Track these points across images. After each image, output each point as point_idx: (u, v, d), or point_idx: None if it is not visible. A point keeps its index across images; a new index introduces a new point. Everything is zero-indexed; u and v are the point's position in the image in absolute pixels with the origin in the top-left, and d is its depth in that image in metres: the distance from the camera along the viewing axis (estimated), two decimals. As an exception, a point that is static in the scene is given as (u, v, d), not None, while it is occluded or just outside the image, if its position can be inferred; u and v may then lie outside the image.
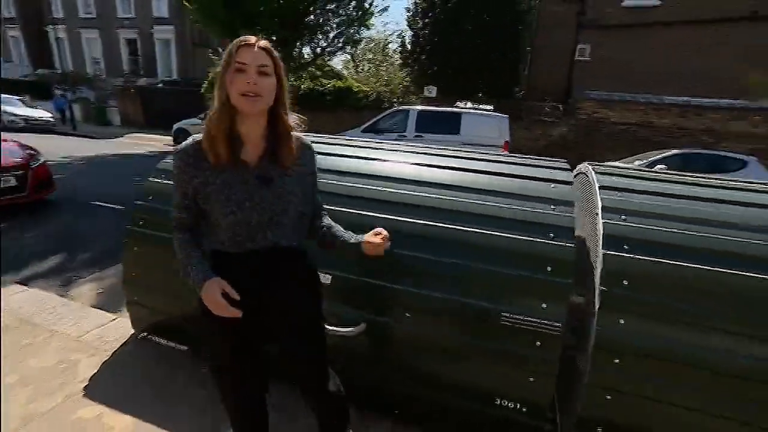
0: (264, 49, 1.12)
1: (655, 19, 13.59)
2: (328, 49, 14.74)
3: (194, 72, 22.98)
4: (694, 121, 11.80)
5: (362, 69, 24.66)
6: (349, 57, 24.65)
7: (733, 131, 11.47)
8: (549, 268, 1.63)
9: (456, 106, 9.59)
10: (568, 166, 2.12)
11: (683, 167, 7.30)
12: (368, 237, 1.34)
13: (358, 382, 1.78)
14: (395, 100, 15.79)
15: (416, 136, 8.98)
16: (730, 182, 2.04)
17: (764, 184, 2.00)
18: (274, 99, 1.16)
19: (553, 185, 1.92)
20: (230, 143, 1.13)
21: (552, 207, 1.79)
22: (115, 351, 2.33)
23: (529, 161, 2.20)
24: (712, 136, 11.59)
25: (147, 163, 10.03)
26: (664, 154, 7.99)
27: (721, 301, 1.48)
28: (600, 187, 1.85)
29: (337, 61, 22.13)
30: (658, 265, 1.56)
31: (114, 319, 2.66)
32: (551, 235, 1.70)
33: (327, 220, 1.42)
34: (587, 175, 2.08)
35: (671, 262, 1.55)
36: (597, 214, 1.75)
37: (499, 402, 1.67)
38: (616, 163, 7.58)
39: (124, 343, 2.40)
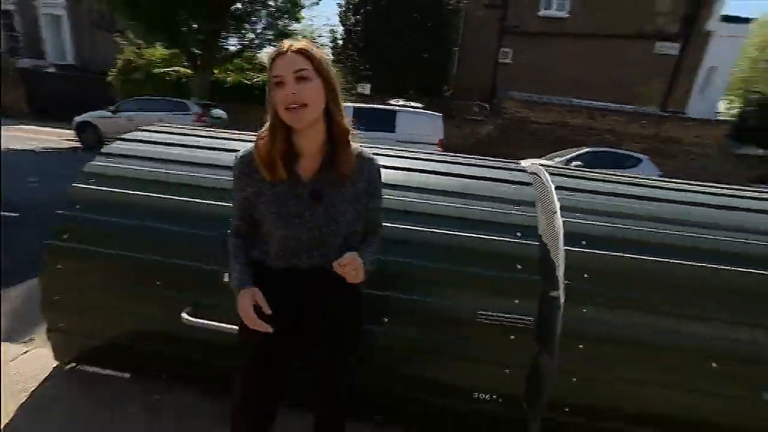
0: (299, 51, 1.01)
1: (566, 31, 15.03)
2: (257, 41, 14.03)
3: (94, 56, 20.38)
4: (600, 122, 13.30)
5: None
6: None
7: (629, 132, 13.15)
8: (518, 266, 1.71)
9: (388, 104, 9.72)
10: (523, 167, 2.24)
11: (593, 163, 8.19)
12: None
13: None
14: (327, 96, 15.55)
15: (354, 133, 8.96)
16: (663, 182, 2.32)
17: (690, 183, 2.29)
18: (324, 102, 1.06)
19: (514, 186, 2.02)
20: (285, 162, 1.08)
21: (516, 207, 1.88)
22: (33, 390, 1.97)
23: (487, 163, 2.29)
24: (614, 136, 13.18)
25: (42, 162, 8.69)
26: (578, 152, 8.89)
27: (666, 288, 1.67)
28: (556, 188, 1.99)
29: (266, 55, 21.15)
30: (613, 258, 1.71)
31: (26, 351, 2.26)
32: (518, 234, 1.78)
33: (369, 244, 1.24)
34: (539, 176, 2.22)
35: (623, 255, 1.71)
36: (555, 212, 1.87)
37: (477, 396, 1.72)
38: (539, 161, 8.29)
39: (46, 378, 2.05)
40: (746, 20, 14.42)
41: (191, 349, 1.84)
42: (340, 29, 15.49)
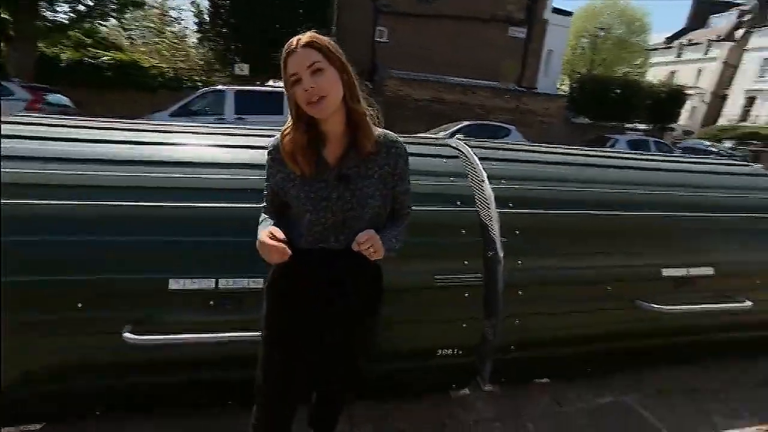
0: (307, 45, 1.02)
1: (432, 12, 16.02)
2: (97, 10, 11.76)
3: None
4: (471, 98, 14.74)
5: (146, 40, 20.68)
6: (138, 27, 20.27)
7: (496, 106, 14.89)
8: (463, 231, 1.92)
9: (268, 86, 9.30)
10: (448, 142, 2.45)
11: (472, 135, 9.16)
12: None
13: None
14: (198, 79, 14.00)
15: (237, 118, 8.37)
16: (552, 149, 2.76)
17: (568, 148, 2.79)
18: (341, 88, 1.06)
19: (445, 160, 2.20)
20: (310, 155, 1.10)
21: (451, 179, 2.08)
22: None
23: (415, 140, 2.43)
24: (484, 110, 14.76)
25: None
26: (458, 126, 9.79)
27: (571, 234, 2.07)
28: (479, 159, 2.24)
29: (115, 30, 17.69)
30: (534, 215, 2.03)
31: None
32: (458, 203, 1.98)
33: (394, 225, 1.25)
34: (461, 149, 2.45)
35: (541, 212, 2.05)
36: (483, 181, 2.12)
37: (440, 353, 1.90)
38: (426, 135, 8.91)
39: None
40: (569, 13, 17.34)
41: (134, 375, 1.63)
42: (205, 2, 13.88)
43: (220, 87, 9.10)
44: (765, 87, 30.48)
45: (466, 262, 1.88)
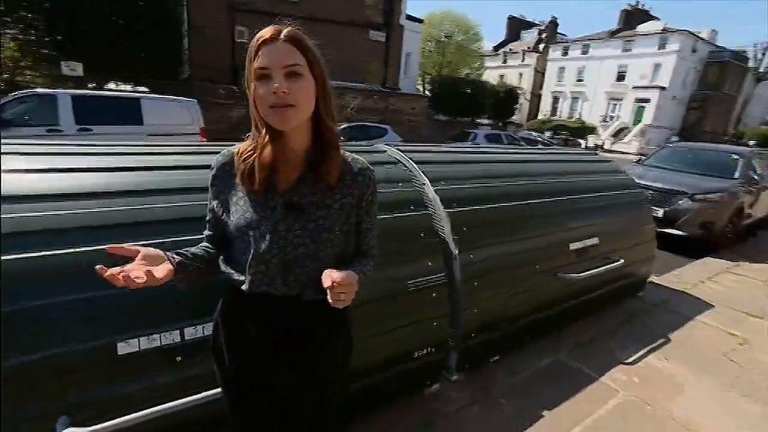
0: (291, 40, 0.83)
1: (292, 13, 15.72)
2: None
3: None
4: (340, 99, 15.00)
5: None
6: None
7: (367, 107, 15.47)
8: (422, 234, 2.00)
9: (107, 89, 7.93)
10: (383, 149, 2.48)
11: (353, 137, 9.40)
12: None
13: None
14: (-1, 80, 11.00)
15: (81, 129, 6.89)
16: (461, 147, 3.04)
17: (476, 146, 3.10)
18: (314, 104, 0.89)
19: (387, 167, 2.24)
20: (267, 170, 0.91)
21: (400, 185, 2.13)
22: None
23: (350, 147, 2.40)
24: (354, 111, 15.20)
25: None
26: (339, 128, 9.88)
27: (505, 224, 2.33)
28: (416, 163, 2.34)
29: None
30: (475, 211, 2.23)
31: None
32: (412, 207, 2.04)
33: (361, 264, 1.01)
34: (395, 156, 2.52)
35: (478, 207, 2.26)
36: (425, 184, 2.23)
37: (416, 354, 1.95)
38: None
39: None
40: (420, 20, 19.07)
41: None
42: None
43: (47, 90, 7.34)
44: (562, 89, 38.69)
45: (429, 264, 1.96)
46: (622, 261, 2.89)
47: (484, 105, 20.58)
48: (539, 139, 20.47)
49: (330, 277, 0.81)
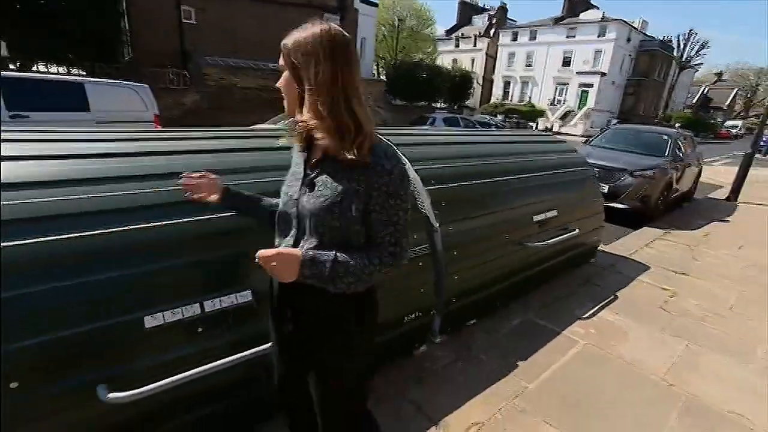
0: (283, 46, 0.97)
1: (241, -7, 15.07)
2: None
3: None
4: (299, 85, 14.70)
5: None
6: None
7: (323, 92, 15.29)
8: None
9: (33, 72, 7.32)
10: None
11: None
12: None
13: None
14: None
15: (15, 115, 6.35)
16: (428, 131, 3.23)
17: (447, 129, 3.30)
18: (299, 95, 0.97)
19: (371, 149, 2.38)
20: (303, 145, 1.07)
21: (384, 165, 2.28)
22: None
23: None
24: (312, 97, 14.98)
25: None
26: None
27: (474, 200, 2.57)
28: (396, 145, 2.49)
29: None
30: (451, 188, 2.43)
31: None
32: (397, 186, 2.21)
33: (351, 253, 0.99)
34: (373, 137, 2.67)
35: (454, 185, 2.47)
36: (405, 165, 2.40)
37: (406, 319, 2.15)
38: (265, 125, 8.60)
39: None
40: (375, 4, 18.91)
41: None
42: None
43: (-31, 74, 6.64)
44: (513, 74, 40.07)
45: (415, 236, 2.15)
46: (577, 230, 3.25)
47: (440, 90, 20.96)
48: (492, 122, 21.25)
49: (260, 252, 0.91)
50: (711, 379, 2.27)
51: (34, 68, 10.69)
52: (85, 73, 11.17)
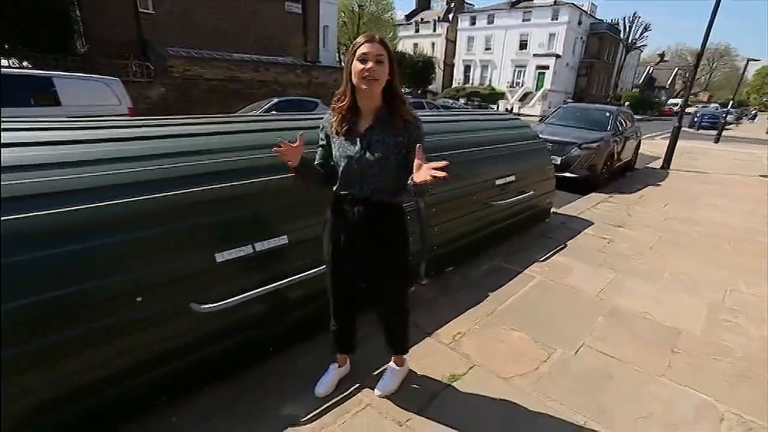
0: (381, 43, 1.40)
1: (206, -19, 14.78)
2: None
3: None
4: (265, 74, 14.71)
5: None
6: None
7: (290, 81, 15.35)
8: (396, 176, 2.70)
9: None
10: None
11: (285, 110, 9.60)
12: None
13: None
14: None
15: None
16: (424, 113, 3.74)
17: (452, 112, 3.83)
18: (387, 82, 1.45)
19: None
20: (346, 120, 1.50)
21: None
22: None
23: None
24: (280, 86, 15.03)
25: None
26: (270, 103, 9.98)
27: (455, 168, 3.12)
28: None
29: None
30: (431, 158, 2.98)
31: None
32: (387, 157, 2.73)
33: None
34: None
35: (434, 155, 3.01)
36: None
37: (400, 264, 2.69)
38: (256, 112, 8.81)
39: None
40: (336, -12, 18.94)
41: (202, 349, 1.81)
42: None
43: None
44: (473, 58, 41.02)
45: (402, 196, 2.68)
46: (532, 192, 3.91)
47: (404, 75, 21.40)
48: (455, 105, 22.02)
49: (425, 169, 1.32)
50: (629, 295, 2.98)
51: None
52: (30, 66, 10.75)
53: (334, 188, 1.61)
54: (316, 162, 1.66)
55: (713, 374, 2.16)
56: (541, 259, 3.54)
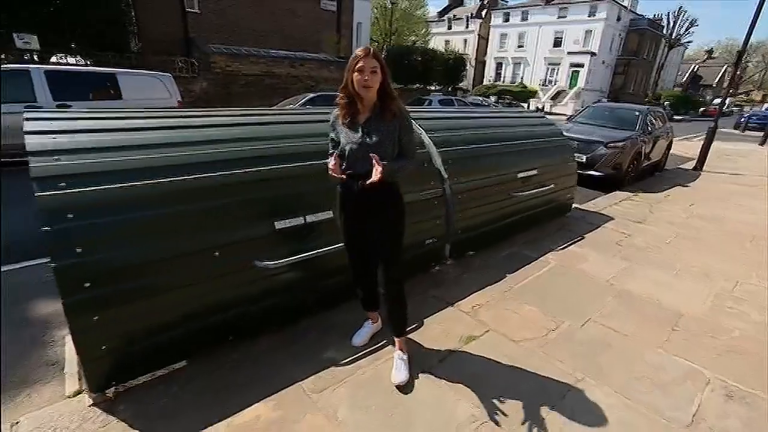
0: (374, 56, 1.76)
1: (246, -19, 15.49)
2: None
3: None
4: (299, 70, 15.31)
5: None
6: None
7: (323, 77, 15.90)
8: (425, 164, 3.03)
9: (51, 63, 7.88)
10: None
11: (319, 105, 10.05)
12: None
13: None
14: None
15: (59, 106, 7.05)
16: (451, 111, 4.05)
17: (446, 109, 4.13)
18: (380, 85, 1.80)
19: (396, 122, 3.22)
20: (349, 114, 1.87)
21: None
22: None
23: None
24: (313, 81, 15.59)
25: None
26: (307, 97, 10.47)
27: (479, 160, 3.43)
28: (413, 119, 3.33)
29: None
30: (456, 150, 3.29)
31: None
32: (417, 147, 3.06)
33: (398, 159, 1.86)
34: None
35: (458, 148, 3.32)
36: (421, 133, 3.24)
37: (425, 241, 3.03)
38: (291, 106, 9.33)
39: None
40: (370, -14, 19.29)
41: (262, 296, 2.22)
42: None
43: (17, 66, 7.31)
44: (505, 55, 40.45)
45: (432, 183, 3.02)
46: (552, 186, 4.14)
47: (434, 72, 21.56)
48: (485, 103, 21.95)
49: (376, 169, 1.71)
50: (640, 282, 3.20)
51: (53, 59, 11.24)
52: (90, 63, 11.71)
53: (342, 168, 1.93)
54: (329, 152, 2.01)
55: (707, 348, 2.39)
56: (558, 248, 3.79)
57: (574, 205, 4.95)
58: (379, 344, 2.30)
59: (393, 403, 1.89)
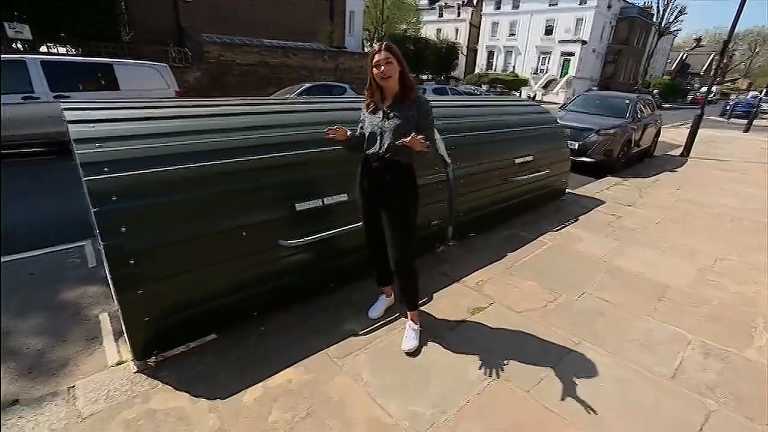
0: (387, 49, 1.93)
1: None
2: None
3: None
4: (293, 60, 15.26)
5: None
6: None
7: (317, 66, 15.87)
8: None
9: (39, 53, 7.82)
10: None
11: (316, 95, 10.13)
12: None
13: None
14: None
15: (57, 97, 7.04)
16: (451, 98, 4.22)
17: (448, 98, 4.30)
18: (399, 74, 1.97)
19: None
20: (374, 103, 2.07)
21: (413, 122, 3.29)
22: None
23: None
24: (307, 71, 15.57)
25: None
26: (302, 88, 10.53)
27: (478, 146, 3.61)
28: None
29: None
30: (458, 137, 3.47)
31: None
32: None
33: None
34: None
35: (460, 135, 3.50)
36: (427, 121, 3.41)
37: (431, 222, 3.23)
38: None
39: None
40: (362, -26, 19.15)
41: (284, 273, 2.40)
42: None
43: (13, 56, 7.25)
44: (496, 43, 40.42)
45: (436, 168, 3.20)
46: (547, 171, 4.35)
47: (427, 61, 21.59)
48: (477, 92, 22.09)
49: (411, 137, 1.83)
50: (629, 259, 3.44)
51: (42, 49, 11.10)
52: (78, 53, 11.58)
53: (364, 149, 2.13)
54: (357, 133, 2.17)
55: (690, 316, 2.64)
56: (554, 229, 4.01)
57: (567, 190, 5.18)
58: (393, 316, 2.49)
59: (410, 366, 2.10)
